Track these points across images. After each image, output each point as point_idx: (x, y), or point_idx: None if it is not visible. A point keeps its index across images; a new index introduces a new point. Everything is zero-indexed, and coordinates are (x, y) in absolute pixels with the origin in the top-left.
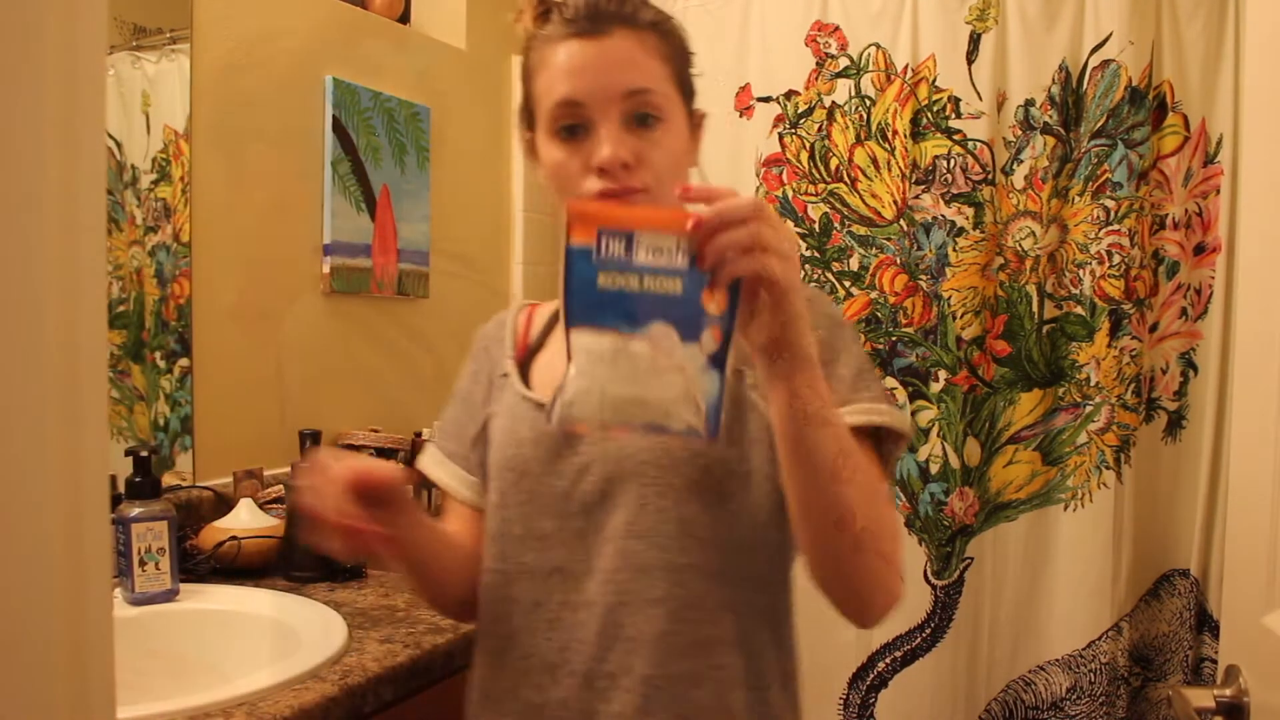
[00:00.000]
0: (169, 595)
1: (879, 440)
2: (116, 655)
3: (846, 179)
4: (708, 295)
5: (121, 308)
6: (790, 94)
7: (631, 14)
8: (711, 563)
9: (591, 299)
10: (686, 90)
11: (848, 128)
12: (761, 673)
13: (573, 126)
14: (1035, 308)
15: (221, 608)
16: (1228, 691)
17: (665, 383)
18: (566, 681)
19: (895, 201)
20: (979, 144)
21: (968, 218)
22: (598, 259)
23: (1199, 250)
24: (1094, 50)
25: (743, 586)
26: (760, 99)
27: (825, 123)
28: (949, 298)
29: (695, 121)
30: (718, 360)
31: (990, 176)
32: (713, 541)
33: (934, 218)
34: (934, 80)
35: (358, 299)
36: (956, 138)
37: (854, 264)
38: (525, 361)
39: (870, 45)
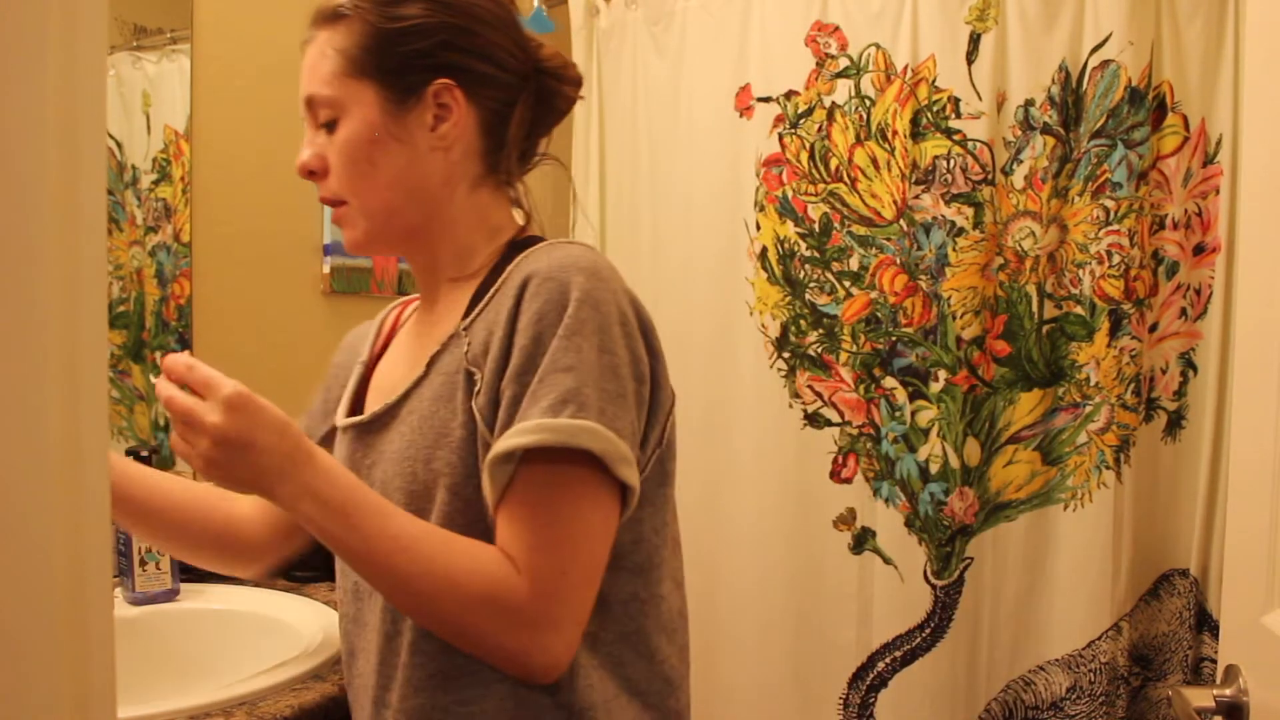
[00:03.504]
0: (169, 595)
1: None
2: (117, 655)
3: (846, 179)
4: None
5: (122, 308)
6: (790, 94)
7: (322, 9)
8: None
9: None
10: (378, 71)
11: (848, 128)
12: (535, 706)
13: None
14: (1035, 308)
15: (221, 608)
16: (1227, 691)
17: None
18: (368, 708)
19: (895, 201)
20: (979, 144)
21: (968, 218)
22: None
23: (1199, 250)
24: (1094, 50)
25: None
26: (760, 99)
27: (825, 123)
28: (949, 298)
29: (411, 100)
30: None
31: (990, 176)
32: None
33: (934, 218)
34: (934, 80)
35: (358, 299)
36: (956, 138)
37: (854, 264)
38: (379, 359)
39: (870, 45)
